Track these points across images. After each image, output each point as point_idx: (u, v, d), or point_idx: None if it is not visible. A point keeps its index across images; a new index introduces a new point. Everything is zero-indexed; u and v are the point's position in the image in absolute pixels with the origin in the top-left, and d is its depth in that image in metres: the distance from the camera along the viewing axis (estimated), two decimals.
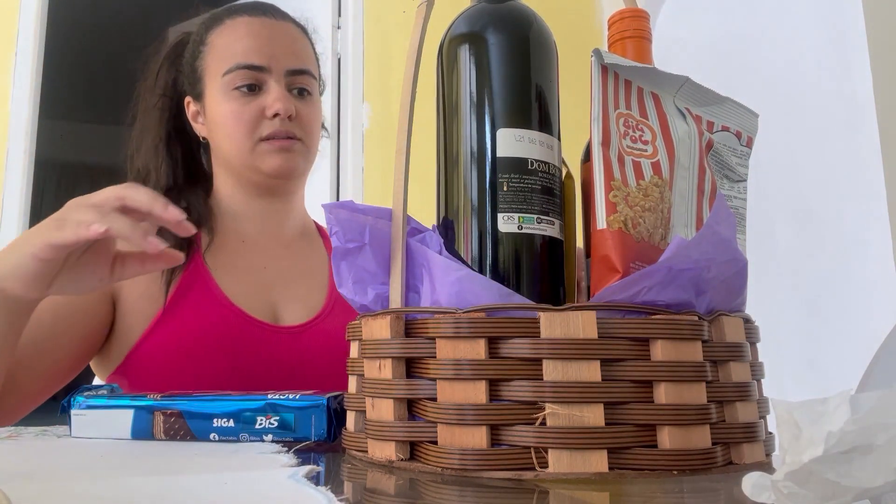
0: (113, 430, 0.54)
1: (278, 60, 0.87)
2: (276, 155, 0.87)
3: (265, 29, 0.89)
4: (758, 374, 0.44)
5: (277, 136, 0.86)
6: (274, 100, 0.86)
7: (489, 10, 0.48)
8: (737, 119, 0.52)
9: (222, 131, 0.88)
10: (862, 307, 1.18)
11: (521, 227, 0.44)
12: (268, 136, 0.86)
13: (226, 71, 0.87)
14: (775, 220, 1.34)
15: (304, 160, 0.90)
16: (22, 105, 1.85)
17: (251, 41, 0.88)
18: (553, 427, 0.37)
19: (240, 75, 0.86)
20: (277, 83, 0.87)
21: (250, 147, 0.87)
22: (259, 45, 0.87)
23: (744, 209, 0.52)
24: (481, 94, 0.46)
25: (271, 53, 0.87)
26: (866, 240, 1.18)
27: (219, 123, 0.88)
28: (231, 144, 0.88)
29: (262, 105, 0.86)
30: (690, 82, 0.49)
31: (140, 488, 0.36)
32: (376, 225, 0.46)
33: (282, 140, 0.87)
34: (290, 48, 0.90)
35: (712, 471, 0.38)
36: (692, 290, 0.40)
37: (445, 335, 0.40)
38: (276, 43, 0.88)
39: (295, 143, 0.88)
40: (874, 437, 0.23)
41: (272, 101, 0.86)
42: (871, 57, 1.15)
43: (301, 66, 0.89)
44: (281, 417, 0.51)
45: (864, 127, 1.16)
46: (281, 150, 0.87)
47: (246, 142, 0.87)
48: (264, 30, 0.89)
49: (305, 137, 0.89)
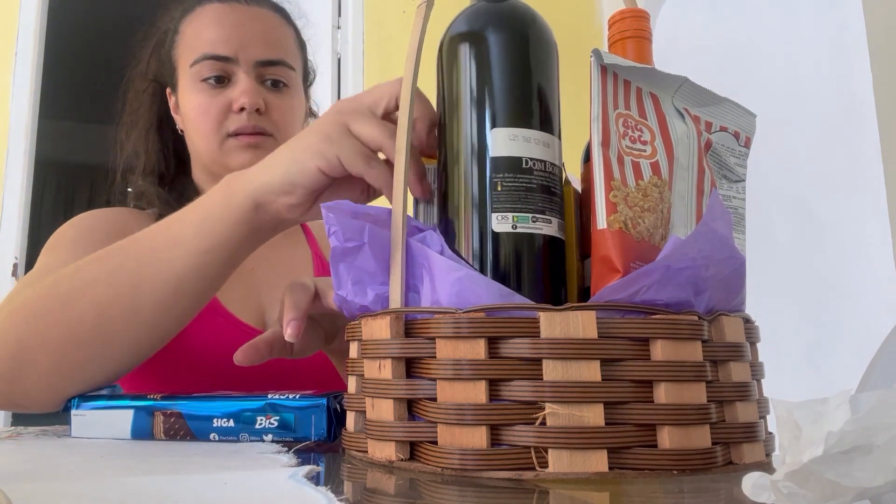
0: (113, 430, 0.54)
1: (247, 50, 0.82)
2: (244, 151, 0.81)
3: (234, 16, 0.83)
4: (758, 374, 0.44)
5: (243, 131, 0.81)
6: (240, 93, 0.80)
7: (489, 8, 0.48)
8: (735, 119, 0.52)
9: (192, 126, 0.84)
10: (862, 307, 1.18)
11: (515, 227, 0.44)
12: (234, 131, 0.81)
13: (193, 61, 0.82)
14: (775, 220, 1.34)
15: None
16: (22, 105, 1.85)
17: (217, 30, 0.82)
18: (553, 427, 0.37)
19: (206, 66, 0.81)
20: (247, 74, 0.81)
21: (218, 143, 0.82)
22: (226, 34, 0.82)
23: (742, 209, 0.52)
24: (479, 92, 0.46)
25: (239, 43, 0.81)
26: (866, 240, 1.18)
27: (189, 117, 0.83)
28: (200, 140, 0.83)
29: (230, 98, 0.81)
30: (689, 82, 0.49)
31: (140, 488, 0.36)
32: (375, 225, 0.46)
33: (249, 136, 0.81)
34: (262, 36, 0.83)
35: (712, 471, 0.38)
36: (691, 288, 0.40)
37: (445, 335, 0.40)
38: (245, 31, 0.82)
39: (264, 139, 0.82)
40: (874, 437, 0.23)
41: (238, 94, 0.80)
42: (871, 57, 1.15)
43: (272, 57, 0.83)
44: (281, 417, 0.51)
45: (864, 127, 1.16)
46: (248, 146, 0.81)
47: (213, 137, 0.82)
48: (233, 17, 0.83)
49: (277, 133, 0.83)
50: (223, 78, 0.82)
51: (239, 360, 0.56)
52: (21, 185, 1.81)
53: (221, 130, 0.82)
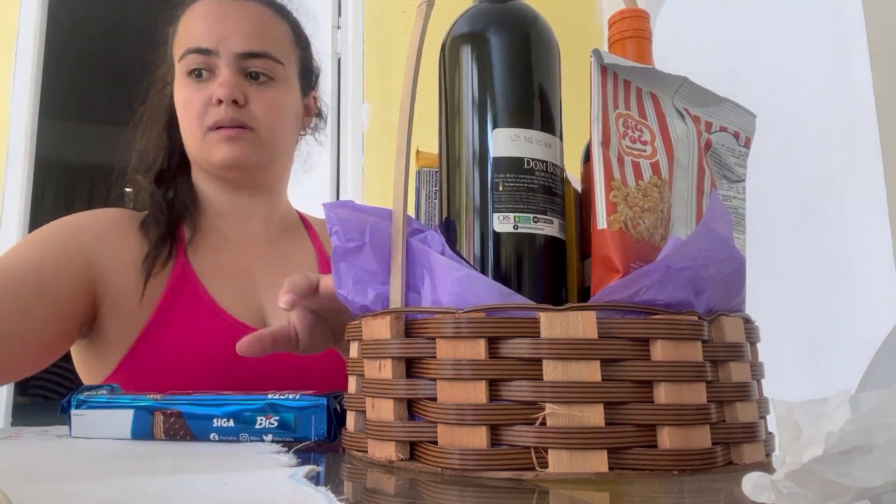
0: (113, 430, 0.54)
1: (227, 42, 0.82)
2: (223, 145, 0.81)
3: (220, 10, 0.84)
4: (758, 374, 0.44)
5: (222, 124, 0.81)
6: (218, 84, 0.80)
7: (491, 9, 0.48)
8: (735, 119, 0.52)
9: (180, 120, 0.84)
10: (862, 307, 1.18)
11: (517, 227, 0.44)
12: (213, 124, 0.81)
13: (180, 57, 0.83)
14: (775, 219, 1.34)
15: (255, 151, 0.83)
16: (22, 105, 1.85)
17: (202, 23, 0.83)
18: (553, 427, 0.37)
19: (189, 60, 0.82)
20: (227, 67, 0.81)
21: (200, 137, 0.82)
22: (208, 28, 0.82)
23: (743, 209, 0.52)
24: (481, 93, 0.46)
25: (220, 36, 0.82)
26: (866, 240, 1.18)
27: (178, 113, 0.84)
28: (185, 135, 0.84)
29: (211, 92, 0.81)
30: (689, 82, 0.49)
31: (140, 488, 0.36)
32: (377, 225, 0.46)
33: (227, 129, 0.81)
34: (245, 29, 0.83)
35: (712, 471, 0.38)
36: (690, 288, 0.40)
37: (445, 335, 0.40)
38: (227, 24, 0.83)
39: (243, 132, 0.82)
40: (874, 437, 0.23)
41: (216, 86, 0.80)
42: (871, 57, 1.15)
43: (254, 49, 0.83)
44: (281, 417, 0.51)
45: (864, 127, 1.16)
46: (227, 139, 0.81)
47: (196, 132, 0.82)
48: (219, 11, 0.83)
49: (259, 126, 0.83)
50: (206, 71, 0.82)
51: (242, 351, 0.57)
52: (21, 185, 1.81)
53: (203, 124, 0.82)
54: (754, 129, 0.53)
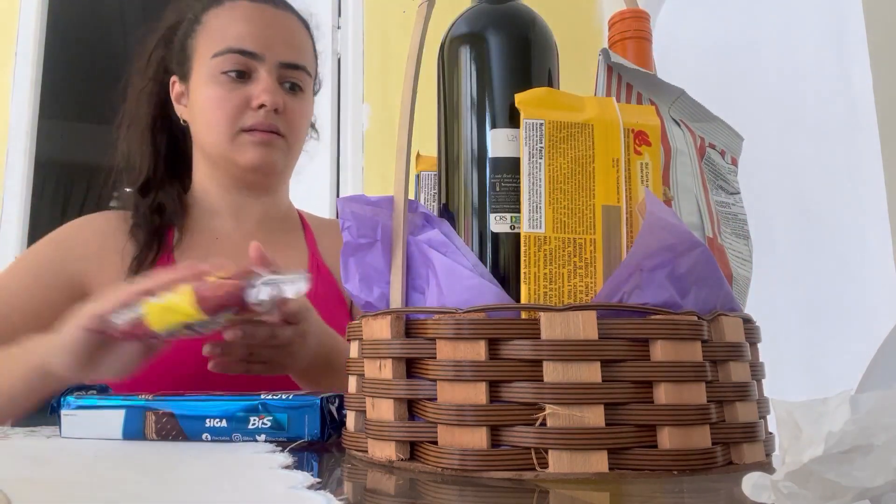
0: (104, 431, 0.53)
1: (273, 50, 0.83)
2: (256, 148, 0.83)
3: (265, 16, 0.85)
4: (758, 374, 0.44)
5: (259, 128, 0.82)
6: (261, 90, 0.82)
7: (490, 10, 0.48)
8: (723, 139, 0.52)
9: (203, 117, 0.85)
10: (862, 307, 1.18)
11: (513, 227, 0.44)
12: (249, 126, 0.82)
13: (216, 53, 0.83)
14: (775, 220, 1.34)
15: (283, 157, 0.86)
16: (22, 105, 1.85)
17: (247, 26, 0.84)
18: (553, 427, 0.37)
19: (230, 59, 0.82)
20: (268, 74, 0.83)
21: (230, 137, 0.83)
22: (255, 32, 0.83)
23: (743, 215, 0.52)
24: (479, 94, 0.46)
25: (266, 42, 0.83)
26: (866, 240, 1.18)
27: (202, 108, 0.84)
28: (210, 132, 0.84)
29: (249, 94, 0.82)
30: (685, 96, 0.50)
31: (139, 488, 0.36)
32: (389, 223, 0.46)
33: (263, 133, 0.83)
34: (288, 40, 0.86)
35: (712, 471, 0.38)
36: (672, 287, 0.40)
37: (446, 336, 0.40)
38: (273, 32, 0.84)
39: (277, 138, 0.84)
40: (874, 437, 0.23)
41: (259, 91, 0.82)
42: (871, 57, 1.15)
43: (296, 61, 0.86)
44: (274, 417, 0.50)
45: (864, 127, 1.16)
46: (261, 143, 0.83)
47: (226, 131, 0.83)
48: (264, 17, 0.85)
49: (289, 134, 0.85)
50: (244, 73, 0.83)
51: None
52: (21, 185, 1.81)
53: (235, 125, 0.83)
54: (740, 151, 0.53)
